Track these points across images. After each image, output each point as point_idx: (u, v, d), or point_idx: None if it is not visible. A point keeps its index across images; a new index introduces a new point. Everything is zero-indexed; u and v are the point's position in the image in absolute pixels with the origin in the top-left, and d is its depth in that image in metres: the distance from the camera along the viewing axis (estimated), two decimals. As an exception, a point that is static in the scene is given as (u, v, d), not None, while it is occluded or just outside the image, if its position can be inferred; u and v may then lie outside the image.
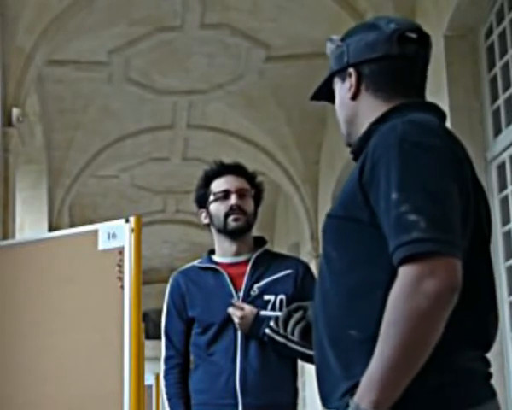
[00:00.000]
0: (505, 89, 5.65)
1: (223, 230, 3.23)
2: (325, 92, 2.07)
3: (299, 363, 3.22)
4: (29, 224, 9.98)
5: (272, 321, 2.51)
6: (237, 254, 3.25)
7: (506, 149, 5.59)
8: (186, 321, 3.21)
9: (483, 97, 5.92)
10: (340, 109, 1.99)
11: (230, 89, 10.16)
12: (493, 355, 1.80)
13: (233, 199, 3.22)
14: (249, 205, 3.27)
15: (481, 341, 1.76)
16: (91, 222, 4.31)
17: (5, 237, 6.60)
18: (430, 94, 2.02)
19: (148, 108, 10.55)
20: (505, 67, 5.65)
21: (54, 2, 7.47)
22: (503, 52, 5.69)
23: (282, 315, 2.17)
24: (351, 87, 1.94)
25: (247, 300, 3.13)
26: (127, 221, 3.65)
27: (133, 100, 10.28)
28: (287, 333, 2.15)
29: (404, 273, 1.60)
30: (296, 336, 2.12)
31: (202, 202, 3.32)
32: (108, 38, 8.78)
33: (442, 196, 1.65)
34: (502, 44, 5.72)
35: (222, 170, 3.30)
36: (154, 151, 11.79)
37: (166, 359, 3.23)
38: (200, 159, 11.27)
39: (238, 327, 3.09)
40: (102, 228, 3.71)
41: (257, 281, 3.17)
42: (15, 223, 7.31)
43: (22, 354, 3.76)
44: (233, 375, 3.07)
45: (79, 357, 3.65)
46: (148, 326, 15.55)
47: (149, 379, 8.03)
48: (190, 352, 3.23)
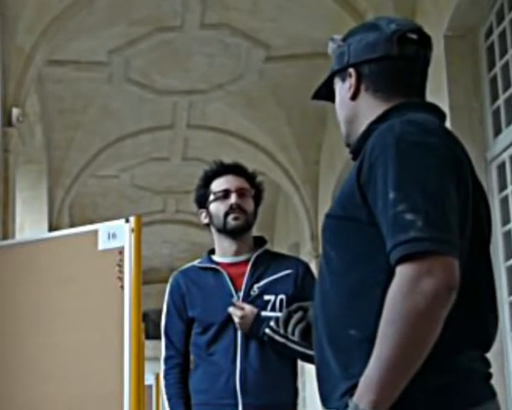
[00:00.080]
0: (505, 89, 5.65)
1: (222, 229, 3.23)
2: (326, 92, 2.07)
3: (299, 363, 3.22)
4: (29, 224, 9.97)
5: (272, 321, 2.51)
6: (237, 253, 3.24)
7: (506, 149, 5.59)
8: (186, 321, 3.20)
9: (483, 97, 5.92)
10: (340, 109, 1.99)
11: (230, 89, 10.16)
12: (493, 355, 1.80)
13: (233, 198, 3.22)
14: (249, 204, 3.27)
15: (481, 341, 1.76)
16: (91, 222, 4.31)
17: (5, 237, 6.60)
18: (430, 94, 2.02)
19: (148, 108, 10.55)
20: (505, 67, 5.65)
21: (54, 2, 7.47)
22: (503, 52, 5.69)
23: (283, 315, 2.17)
24: (350, 87, 1.94)
25: (247, 300, 3.12)
26: (127, 221, 3.65)
27: (133, 100, 10.28)
28: (287, 333, 2.15)
29: (402, 273, 1.60)
30: (296, 336, 2.12)
31: (202, 202, 3.32)
32: (108, 38, 8.78)
33: (440, 196, 1.65)
34: (502, 44, 5.72)
35: (222, 170, 3.30)
36: (154, 151, 11.79)
37: (166, 359, 3.23)
38: (200, 159, 11.27)
39: (238, 327, 3.08)
40: (102, 228, 3.71)
41: (257, 281, 3.17)
42: (15, 223, 7.31)
43: (22, 354, 3.76)
44: (233, 375, 3.07)
45: (79, 357, 3.65)
46: (148, 326, 15.55)
47: (149, 379, 8.03)
48: (190, 352, 3.22)
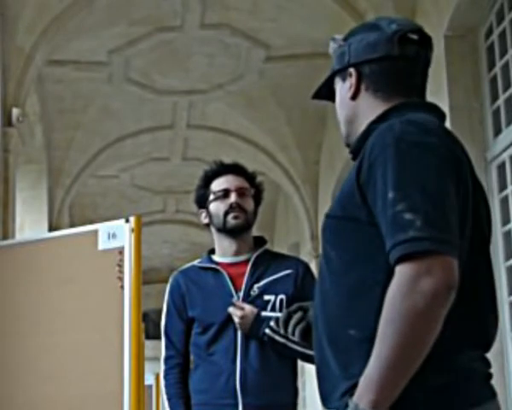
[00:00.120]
0: (505, 89, 5.65)
1: (222, 228, 3.23)
2: (326, 91, 2.07)
3: (299, 363, 3.22)
4: (29, 224, 9.97)
5: (272, 321, 2.51)
6: (237, 253, 3.24)
7: (506, 149, 5.59)
8: (186, 321, 3.20)
9: (483, 97, 5.92)
10: (340, 109, 1.99)
11: (230, 89, 10.16)
12: (493, 355, 1.80)
13: (233, 197, 3.22)
14: (249, 204, 3.27)
15: (481, 341, 1.76)
16: (91, 222, 4.31)
17: (5, 237, 6.60)
18: (430, 94, 2.02)
19: (148, 108, 10.55)
20: (505, 67, 5.65)
21: (54, 2, 7.47)
22: (503, 52, 5.69)
23: (283, 316, 2.17)
24: (351, 87, 1.94)
25: (247, 300, 3.12)
26: (127, 221, 3.65)
27: (133, 100, 10.28)
28: (287, 333, 2.15)
29: (401, 272, 1.60)
30: (297, 336, 2.11)
31: (202, 202, 3.32)
32: (108, 38, 8.78)
33: (439, 196, 1.65)
34: (502, 44, 5.72)
35: (222, 170, 3.30)
36: (154, 151, 11.79)
37: (166, 359, 3.23)
38: (200, 159, 11.27)
39: (238, 327, 3.08)
40: (102, 228, 3.71)
41: (257, 281, 3.17)
42: (15, 223, 7.31)
43: (22, 354, 3.76)
44: (233, 375, 3.07)
45: (79, 357, 3.65)
46: (148, 326, 15.55)
47: (149, 379, 8.03)
48: (190, 352, 3.22)
